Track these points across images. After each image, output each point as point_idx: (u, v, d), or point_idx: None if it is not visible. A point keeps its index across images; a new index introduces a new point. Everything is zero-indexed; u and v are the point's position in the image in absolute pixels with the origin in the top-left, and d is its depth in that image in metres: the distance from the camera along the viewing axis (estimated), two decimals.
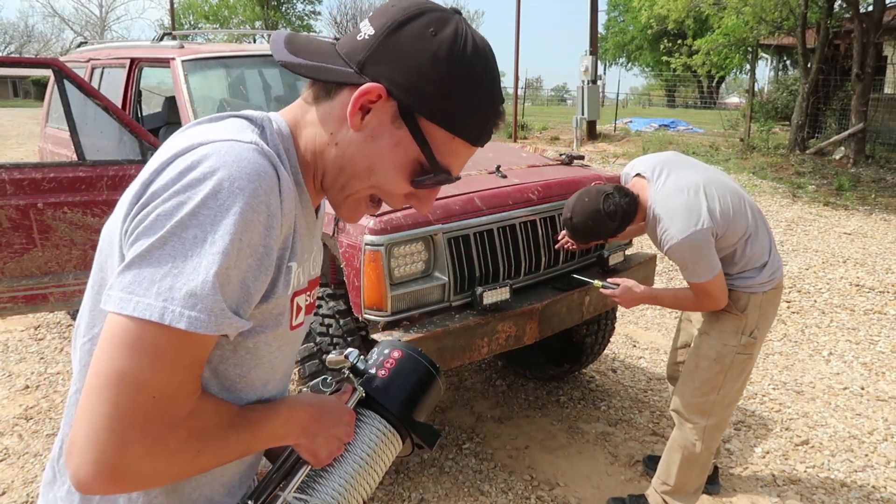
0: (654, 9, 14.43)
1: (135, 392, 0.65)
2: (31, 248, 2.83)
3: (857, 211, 8.28)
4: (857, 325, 4.56)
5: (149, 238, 0.66)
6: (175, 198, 0.67)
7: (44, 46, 48.67)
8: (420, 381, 0.95)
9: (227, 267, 0.66)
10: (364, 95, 0.76)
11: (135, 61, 3.82)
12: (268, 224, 0.70)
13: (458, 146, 0.80)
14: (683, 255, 2.15)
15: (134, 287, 0.65)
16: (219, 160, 0.68)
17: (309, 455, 0.86)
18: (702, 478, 2.45)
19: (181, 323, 0.64)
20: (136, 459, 0.65)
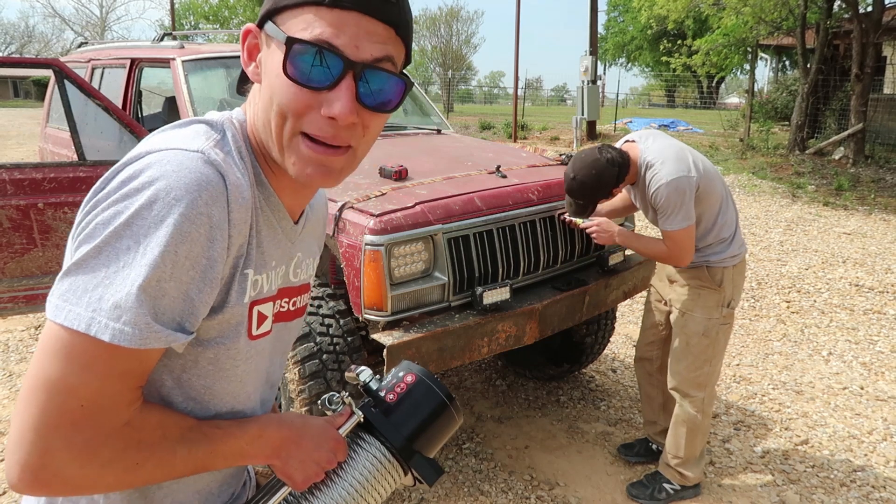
0: (653, 9, 14.43)
1: (62, 399, 0.65)
2: (31, 248, 2.83)
3: (857, 211, 8.29)
4: (857, 324, 4.56)
5: (87, 246, 0.66)
6: (113, 206, 0.66)
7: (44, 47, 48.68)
8: (429, 412, 0.89)
9: (157, 279, 0.65)
10: (244, 42, 0.76)
11: (135, 61, 3.83)
12: (210, 236, 0.68)
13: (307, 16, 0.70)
14: (669, 197, 2.31)
15: (68, 295, 0.65)
16: (159, 170, 0.67)
17: (283, 476, 0.84)
18: (704, 441, 2.63)
19: (105, 335, 0.64)
20: (61, 465, 0.65)
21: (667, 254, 2.42)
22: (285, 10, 0.72)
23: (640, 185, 2.44)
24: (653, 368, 2.84)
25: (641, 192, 2.46)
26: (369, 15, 0.70)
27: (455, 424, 0.93)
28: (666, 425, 2.85)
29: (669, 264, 2.50)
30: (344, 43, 0.70)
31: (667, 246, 2.41)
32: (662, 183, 2.31)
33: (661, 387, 2.81)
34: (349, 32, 0.70)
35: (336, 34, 0.70)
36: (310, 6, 0.70)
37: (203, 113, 3.37)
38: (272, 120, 0.74)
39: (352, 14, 0.70)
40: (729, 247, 2.47)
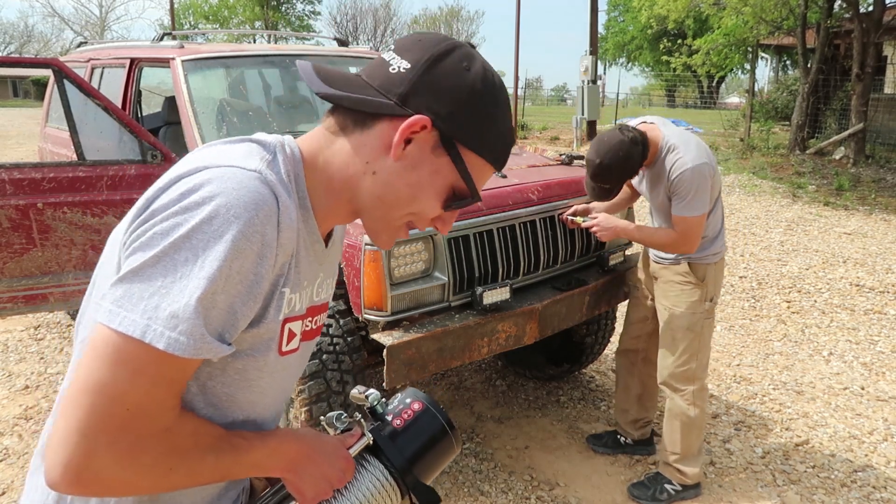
0: (653, 9, 14.42)
1: (110, 403, 0.67)
2: (30, 248, 2.83)
3: (857, 211, 8.28)
4: (858, 325, 4.56)
5: (143, 254, 0.68)
6: (172, 218, 0.69)
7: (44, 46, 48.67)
8: (432, 440, 0.93)
9: (212, 292, 0.68)
10: (410, 127, 0.79)
11: (135, 61, 3.82)
12: (261, 253, 0.72)
13: (484, 168, 0.85)
14: (691, 182, 2.32)
15: (123, 301, 0.67)
16: (219, 186, 0.70)
17: (294, 491, 0.86)
18: (701, 438, 2.63)
19: (160, 343, 0.66)
20: (103, 467, 0.67)
21: (675, 241, 2.42)
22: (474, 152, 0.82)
23: (657, 168, 2.43)
24: (637, 359, 2.85)
25: (657, 174, 2.44)
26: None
27: (453, 453, 0.96)
28: (637, 416, 2.91)
29: (675, 252, 2.49)
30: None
31: (677, 232, 2.40)
32: (688, 167, 2.31)
33: (641, 378, 2.83)
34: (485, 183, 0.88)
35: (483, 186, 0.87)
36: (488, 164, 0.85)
37: (203, 112, 3.38)
38: (400, 206, 0.83)
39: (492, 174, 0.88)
40: (713, 244, 2.51)
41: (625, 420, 2.93)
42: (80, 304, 3.02)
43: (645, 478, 2.73)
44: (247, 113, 3.59)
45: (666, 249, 2.51)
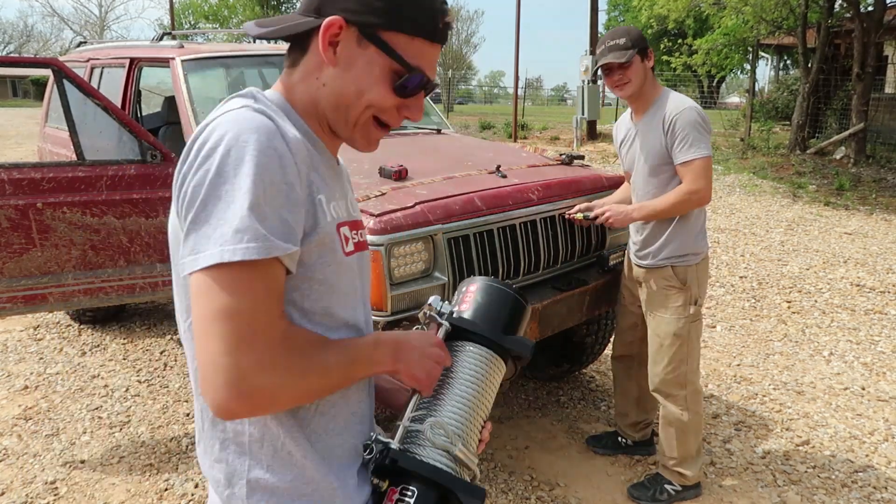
0: (654, 9, 14.41)
1: (231, 322, 0.76)
2: (30, 248, 2.82)
3: (858, 211, 8.28)
4: (858, 325, 4.55)
5: (193, 207, 0.78)
6: (200, 169, 0.79)
7: (43, 46, 48.67)
8: (499, 303, 1.03)
9: (257, 202, 0.77)
10: (327, 31, 0.87)
11: (134, 61, 3.82)
12: (281, 163, 0.80)
13: (420, 46, 0.89)
14: (693, 122, 2.30)
15: (196, 246, 0.77)
16: (223, 128, 0.80)
17: (409, 379, 0.94)
18: (698, 440, 2.61)
19: (237, 256, 0.75)
20: (254, 377, 0.76)
21: (688, 192, 2.34)
22: (394, 30, 0.87)
23: (652, 114, 2.41)
24: (632, 363, 2.84)
25: (652, 123, 2.40)
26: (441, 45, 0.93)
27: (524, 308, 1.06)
28: (636, 419, 2.90)
29: (692, 207, 2.40)
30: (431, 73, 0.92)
31: (687, 181, 2.34)
32: (688, 106, 2.31)
33: (638, 381, 2.82)
34: (434, 63, 0.93)
35: (432, 66, 0.92)
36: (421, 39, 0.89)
37: (202, 112, 3.38)
38: (352, 105, 0.90)
39: (437, 47, 0.92)
40: (695, 242, 2.47)
41: (625, 423, 2.93)
42: (79, 304, 2.99)
43: (645, 478, 2.72)
44: None
45: (684, 209, 2.40)
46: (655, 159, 2.42)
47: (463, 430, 0.94)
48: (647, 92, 2.43)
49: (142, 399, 3.47)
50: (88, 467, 2.88)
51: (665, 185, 2.44)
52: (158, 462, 2.91)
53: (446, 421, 0.93)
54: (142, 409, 3.37)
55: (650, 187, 2.48)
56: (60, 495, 2.69)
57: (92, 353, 4.07)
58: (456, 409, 0.94)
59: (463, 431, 0.94)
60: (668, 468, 2.63)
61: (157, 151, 3.02)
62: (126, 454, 2.98)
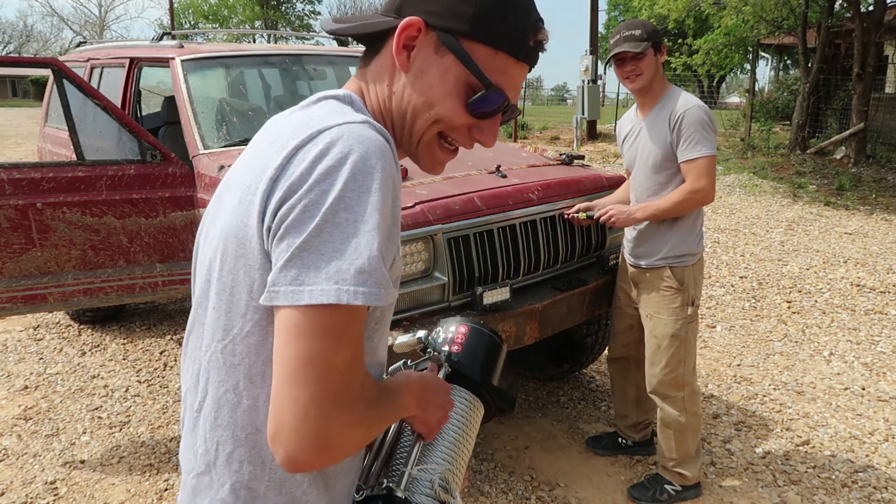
0: (654, 8, 14.41)
1: (327, 371, 0.69)
2: (30, 248, 2.82)
3: (858, 211, 8.27)
4: (858, 325, 4.55)
5: (302, 230, 0.69)
6: (318, 187, 0.69)
7: (43, 46, 48.67)
8: (489, 350, 1.02)
9: (384, 242, 0.71)
10: (404, 32, 0.79)
11: (134, 61, 3.81)
12: (395, 195, 0.74)
13: (504, 62, 0.81)
14: (699, 120, 2.30)
15: (302, 278, 0.68)
16: (347, 143, 0.71)
17: (423, 426, 0.89)
18: (697, 440, 2.61)
19: (357, 300, 0.68)
20: (338, 430, 0.70)
21: (691, 191, 2.34)
22: (483, 44, 0.79)
23: (659, 110, 2.40)
24: (629, 365, 2.84)
25: (658, 119, 2.39)
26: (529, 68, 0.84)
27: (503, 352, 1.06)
28: (636, 419, 2.89)
29: (695, 206, 2.40)
30: (512, 95, 0.83)
31: (690, 180, 2.33)
32: (695, 104, 2.30)
33: (636, 382, 2.82)
34: (519, 85, 0.83)
35: (515, 88, 0.83)
36: (506, 55, 0.80)
37: (203, 112, 3.36)
38: (419, 116, 0.82)
39: (524, 67, 0.83)
40: (695, 241, 2.47)
41: (625, 424, 2.92)
42: (79, 304, 2.98)
43: (645, 478, 2.72)
44: (246, 113, 3.58)
45: (687, 208, 2.39)
46: (659, 156, 2.41)
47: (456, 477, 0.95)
48: (656, 88, 2.43)
49: (142, 399, 3.47)
50: (88, 467, 2.88)
51: (667, 182, 2.43)
52: (158, 462, 2.91)
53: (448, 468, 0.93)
54: (142, 409, 3.37)
55: (652, 184, 2.47)
56: (60, 495, 2.69)
57: (92, 353, 4.07)
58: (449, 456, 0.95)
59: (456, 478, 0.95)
60: (667, 469, 2.63)
61: (157, 151, 3.02)
62: (126, 454, 2.97)
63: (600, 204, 2.70)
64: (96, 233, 2.92)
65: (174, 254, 3.07)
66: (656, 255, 2.49)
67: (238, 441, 0.79)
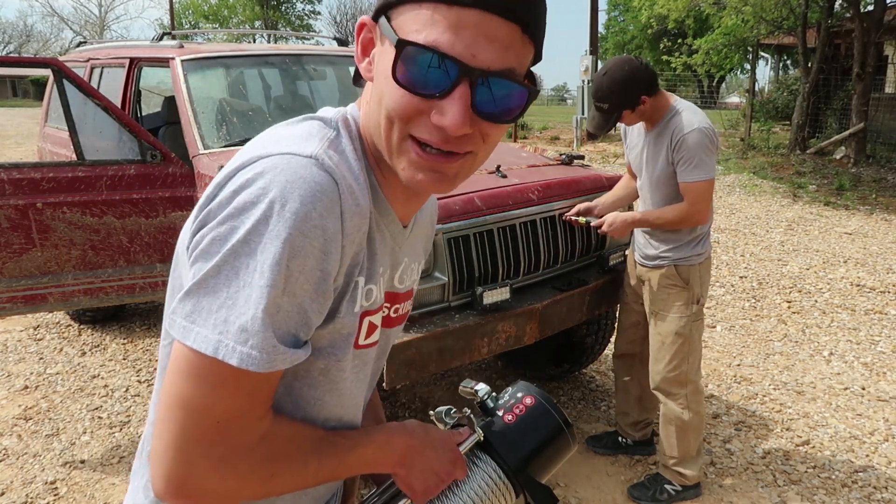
0: (654, 8, 14.41)
1: (198, 417, 0.65)
2: (30, 248, 2.82)
3: (858, 211, 8.27)
4: (858, 325, 4.55)
5: (205, 264, 0.64)
6: (228, 222, 0.64)
7: (43, 46, 48.69)
8: (547, 436, 0.88)
9: (275, 302, 0.63)
10: (357, 35, 0.72)
11: (134, 61, 3.81)
12: (324, 248, 0.65)
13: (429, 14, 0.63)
14: (699, 144, 2.30)
15: (194, 316, 0.64)
16: (271, 179, 0.64)
17: (404, 487, 0.83)
18: (699, 439, 2.62)
19: (233, 359, 0.63)
20: (202, 477, 0.66)
21: (686, 212, 2.37)
22: (401, 4, 0.65)
23: (661, 130, 2.41)
24: (634, 362, 2.85)
25: (661, 138, 2.40)
26: (493, 13, 0.62)
27: (569, 451, 0.90)
28: (637, 418, 2.90)
29: (688, 226, 2.43)
30: (460, 50, 0.63)
31: (687, 201, 2.36)
32: (695, 127, 2.30)
33: (639, 380, 2.82)
34: (468, 36, 0.63)
35: (453, 39, 0.62)
36: (428, 2, 0.63)
37: (203, 112, 3.36)
38: (381, 122, 0.69)
39: (472, 12, 0.62)
40: (698, 245, 2.49)
41: (626, 422, 2.93)
42: (79, 304, 2.98)
43: (645, 478, 2.72)
44: (246, 113, 3.58)
45: (680, 224, 2.42)
46: (662, 174, 2.44)
47: None
48: (656, 115, 2.44)
49: (142, 399, 3.47)
50: (88, 467, 2.88)
51: (671, 197, 2.46)
52: None
53: None
54: (142, 409, 3.37)
55: (657, 197, 2.51)
56: (60, 495, 2.69)
57: (92, 353, 4.07)
58: None
59: None
60: (668, 468, 2.63)
61: (157, 151, 3.02)
62: (126, 454, 2.97)
63: (599, 204, 2.70)
64: (96, 233, 2.92)
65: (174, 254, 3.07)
66: (662, 254, 2.51)
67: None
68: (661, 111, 2.42)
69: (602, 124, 2.42)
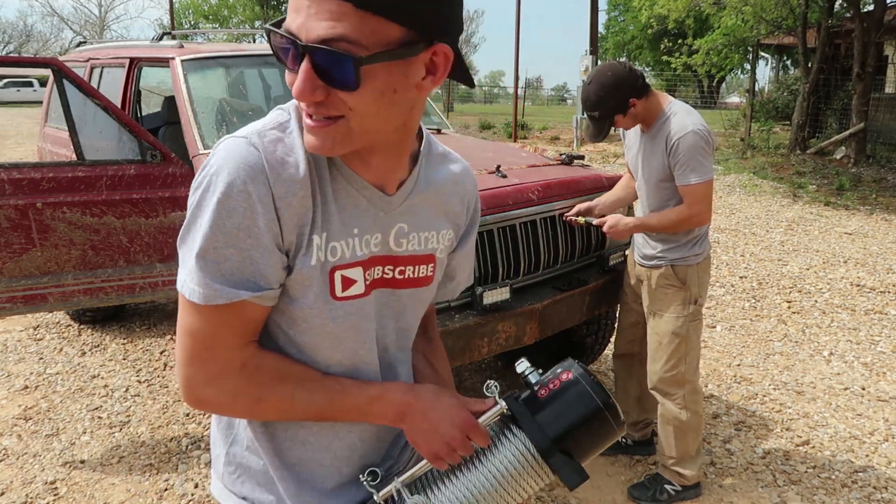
0: (654, 8, 14.41)
1: (192, 341, 0.83)
2: (30, 248, 2.82)
3: (858, 211, 8.27)
4: (858, 325, 4.55)
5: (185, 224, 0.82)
6: (194, 193, 0.81)
7: (43, 46, 48.67)
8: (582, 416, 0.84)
9: (212, 248, 0.78)
10: None
11: (134, 61, 3.82)
12: (252, 208, 0.78)
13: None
14: (694, 146, 2.28)
15: (181, 264, 0.83)
16: (216, 159, 0.80)
17: (412, 444, 0.90)
18: (698, 440, 2.61)
19: (186, 293, 0.81)
20: (201, 388, 0.84)
21: (688, 215, 2.36)
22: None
23: (657, 132, 2.39)
24: (633, 362, 2.85)
25: (656, 140, 2.39)
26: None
27: (613, 434, 0.86)
28: (637, 418, 2.91)
29: (691, 227, 2.42)
30: (297, 26, 0.72)
31: (686, 203, 2.35)
32: (689, 129, 2.28)
33: (639, 380, 2.82)
34: (301, 15, 0.72)
35: (291, 19, 0.73)
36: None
37: (202, 112, 3.36)
38: None
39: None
40: (696, 245, 2.47)
41: (626, 422, 2.93)
42: (79, 304, 2.98)
43: (645, 478, 2.72)
44: (246, 113, 3.58)
45: (681, 227, 2.41)
46: (659, 176, 2.43)
47: None
48: (649, 117, 2.42)
49: (142, 399, 3.47)
50: (88, 467, 2.88)
51: (670, 197, 2.45)
52: (158, 462, 2.91)
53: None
54: (142, 409, 3.37)
55: (655, 199, 2.50)
56: (60, 495, 2.69)
57: (92, 353, 4.07)
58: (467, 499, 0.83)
59: None
60: (667, 468, 2.63)
61: (157, 151, 3.02)
62: (126, 454, 2.98)
63: (599, 204, 2.70)
64: (96, 233, 2.92)
65: (174, 254, 3.07)
66: (659, 254, 2.50)
67: None
68: (654, 113, 2.41)
69: (596, 132, 2.42)
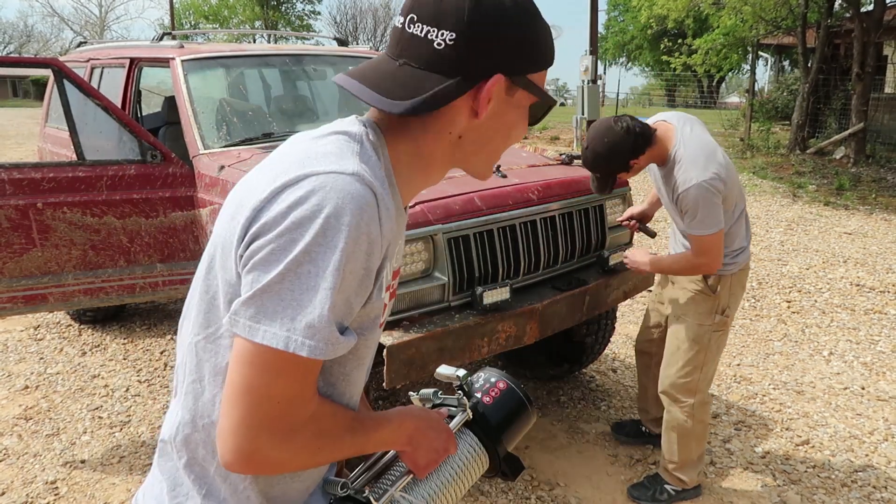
0: (653, 8, 14.42)
1: (263, 401, 0.77)
2: (30, 248, 2.82)
3: (858, 211, 8.28)
4: (858, 324, 4.55)
5: (267, 272, 0.75)
6: (287, 234, 0.74)
7: (43, 46, 48.67)
8: (517, 415, 1.07)
9: (336, 301, 0.76)
10: (488, 93, 0.84)
11: (134, 61, 3.82)
12: (368, 251, 0.77)
13: (544, 74, 0.90)
14: (697, 200, 2.22)
15: (260, 317, 0.75)
16: (325, 197, 0.75)
17: (410, 463, 0.97)
18: (702, 447, 2.60)
19: (303, 351, 0.75)
20: (267, 451, 0.78)
21: (692, 263, 2.35)
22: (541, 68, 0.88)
23: (667, 173, 2.34)
24: (650, 362, 2.85)
25: (667, 180, 2.35)
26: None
27: (531, 422, 1.11)
28: (656, 415, 2.90)
29: (700, 273, 2.40)
30: None
31: (693, 252, 2.32)
32: (692, 184, 2.20)
33: (656, 380, 2.81)
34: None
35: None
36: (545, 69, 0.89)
37: (202, 112, 3.36)
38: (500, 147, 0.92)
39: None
40: (733, 255, 2.42)
41: (646, 419, 2.96)
42: (79, 304, 2.98)
43: (645, 478, 2.72)
44: (246, 113, 3.59)
45: (690, 273, 2.41)
46: (676, 210, 2.39)
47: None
48: (657, 159, 2.37)
49: (142, 399, 3.47)
50: (89, 467, 2.89)
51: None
52: None
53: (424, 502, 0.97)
54: (142, 408, 3.37)
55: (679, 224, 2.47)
56: (61, 495, 2.70)
57: (92, 352, 4.07)
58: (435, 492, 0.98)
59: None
60: (667, 471, 2.63)
61: (157, 151, 3.02)
62: (126, 454, 2.98)
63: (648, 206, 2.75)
64: (97, 233, 2.92)
65: (174, 254, 3.08)
66: None
67: (196, 427, 0.88)
68: (663, 155, 2.33)
69: (602, 187, 2.42)
